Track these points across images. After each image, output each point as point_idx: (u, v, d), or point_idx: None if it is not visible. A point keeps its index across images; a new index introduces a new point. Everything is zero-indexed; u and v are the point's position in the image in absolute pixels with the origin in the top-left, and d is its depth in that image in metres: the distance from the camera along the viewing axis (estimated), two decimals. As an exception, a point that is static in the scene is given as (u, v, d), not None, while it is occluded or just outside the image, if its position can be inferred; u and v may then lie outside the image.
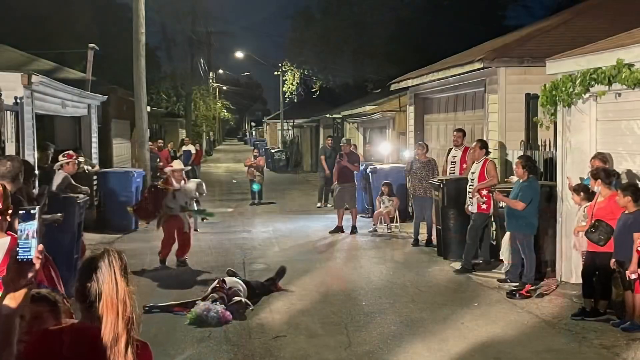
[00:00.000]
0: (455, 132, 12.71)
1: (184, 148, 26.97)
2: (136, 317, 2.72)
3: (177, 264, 11.23)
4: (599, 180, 7.99)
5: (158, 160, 19.80)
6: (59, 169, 11.06)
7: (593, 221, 7.95)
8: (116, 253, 2.76)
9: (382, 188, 15.07)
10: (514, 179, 10.20)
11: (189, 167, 25.92)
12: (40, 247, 2.39)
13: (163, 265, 11.17)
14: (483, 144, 11.00)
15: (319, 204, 19.62)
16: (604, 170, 8.13)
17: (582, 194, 8.55)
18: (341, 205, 14.93)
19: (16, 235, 2.48)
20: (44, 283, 3.25)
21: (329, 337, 7.56)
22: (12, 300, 2.33)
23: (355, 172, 15.43)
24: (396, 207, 14.98)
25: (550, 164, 10.57)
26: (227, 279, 9.01)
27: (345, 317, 8.34)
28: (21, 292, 2.33)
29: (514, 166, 9.74)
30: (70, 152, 11.67)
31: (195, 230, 19.16)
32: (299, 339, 7.54)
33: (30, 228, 2.41)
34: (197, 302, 8.33)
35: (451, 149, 12.81)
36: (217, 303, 8.21)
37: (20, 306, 2.35)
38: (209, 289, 8.75)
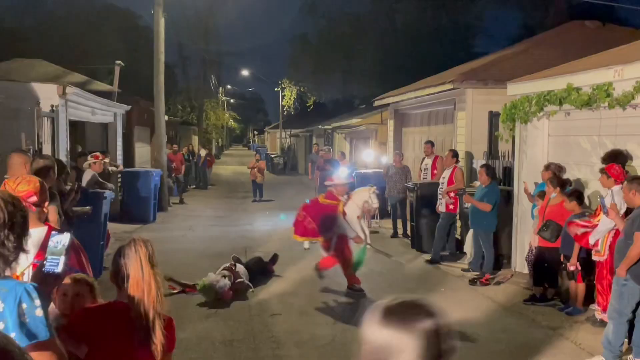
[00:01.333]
0: (425, 144, 12.76)
1: (201, 153, 27.05)
2: (161, 296, 2.77)
3: (349, 291, 8.63)
4: (558, 188, 7.97)
5: (173, 165, 19.71)
6: (87, 168, 11.04)
7: (545, 221, 7.99)
8: (142, 242, 2.81)
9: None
10: (477, 184, 10.25)
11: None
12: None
13: (320, 275, 8.82)
14: (455, 153, 11.04)
15: None
16: (560, 180, 8.11)
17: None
18: None
19: (52, 226, 2.50)
20: (75, 267, 3.27)
21: (318, 316, 7.60)
22: None
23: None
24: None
25: (509, 171, 10.63)
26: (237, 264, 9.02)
27: (332, 299, 8.37)
28: None
29: (478, 173, 9.77)
30: (97, 153, 11.63)
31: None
32: (292, 317, 7.57)
33: (61, 246, 2.41)
34: (209, 273, 8.37)
35: (424, 158, 12.85)
36: (226, 279, 8.26)
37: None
38: (222, 267, 8.76)
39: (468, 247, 10.12)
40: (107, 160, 12.71)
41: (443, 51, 31.55)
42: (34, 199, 3.42)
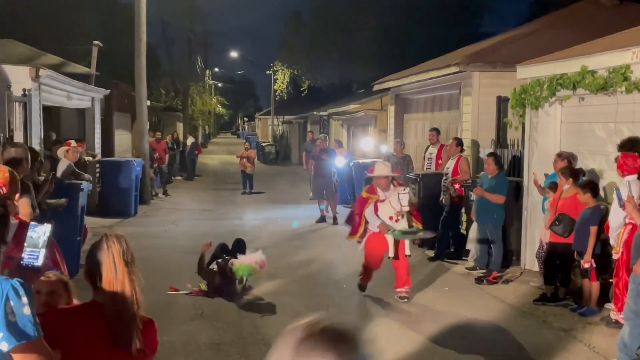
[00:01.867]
0: (430, 132, 12.74)
1: (188, 141, 27.03)
2: (138, 296, 2.76)
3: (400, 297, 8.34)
4: (570, 180, 7.97)
5: (156, 154, 19.63)
6: (62, 157, 11.00)
7: (557, 215, 8.00)
8: (115, 237, 2.80)
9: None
10: (482, 174, 10.25)
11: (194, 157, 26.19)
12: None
13: (361, 290, 8.52)
14: (459, 142, 11.04)
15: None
16: (574, 170, 8.11)
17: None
18: (320, 196, 14.95)
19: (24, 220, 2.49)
20: (48, 264, 3.26)
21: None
22: None
23: (334, 166, 15.42)
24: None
25: (518, 161, 10.64)
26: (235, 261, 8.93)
27: (327, 299, 8.39)
28: None
29: (485, 163, 9.77)
30: (70, 140, 11.58)
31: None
32: (284, 318, 7.57)
33: (41, 237, 2.41)
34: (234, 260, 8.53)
35: (429, 146, 12.85)
36: (259, 251, 8.65)
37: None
38: (214, 262, 8.73)
39: (472, 243, 10.14)
40: (82, 148, 12.67)
41: (448, 31, 31.52)
42: (3, 190, 3.41)
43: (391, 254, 8.18)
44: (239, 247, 9.19)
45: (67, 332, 2.68)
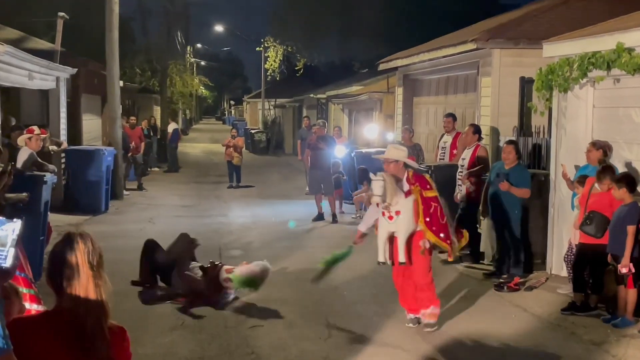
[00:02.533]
0: (445, 118, 12.72)
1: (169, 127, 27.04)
2: (105, 302, 2.76)
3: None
4: (608, 180, 7.89)
5: (130, 142, 19.57)
6: (23, 146, 10.97)
7: (587, 213, 7.99)
8: (79, 236, 2.79)
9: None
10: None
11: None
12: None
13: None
14: (476, 129, 11.03)
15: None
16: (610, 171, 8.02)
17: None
18: (317, 190, 14.93)
19: None
20: (19, 265, 3.26)
21: (308, 328, 7.61)
22: None
23: (335, 156, 15.41)
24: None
25: (543, 151, 10.63)
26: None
27: (326, 307, 8.39)
28: None
29: (503, 151, 9.75)
30: (33, 127, 11.55)
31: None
32: (277, 329, 7.58)
33: (10, 236, 2.40)
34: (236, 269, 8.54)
35: (443, 134, 12.84)
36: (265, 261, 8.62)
37: None
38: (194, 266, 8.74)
39: (486, 243, 10.14)
40: (46, 135, 12.62)
41: (464, 2, 31.46)
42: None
43: (402, 259, 7.38)
44: (185, 244, 9.11)
45: (27, 344, 2.67)
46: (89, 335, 2.70)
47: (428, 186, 7.48)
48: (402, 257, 7.35)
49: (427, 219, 7.33)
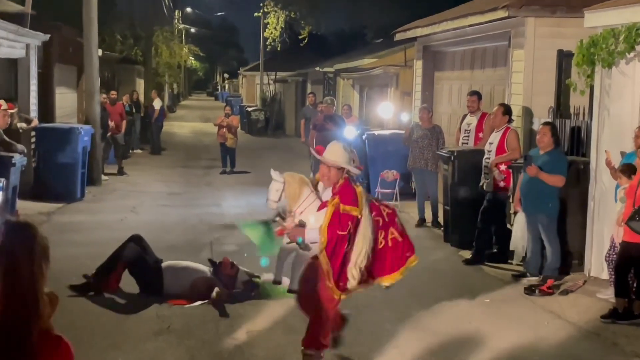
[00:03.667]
0: (469, 96, 12.68)
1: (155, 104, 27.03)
2: (43, 306, 2.74)
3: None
4: None
5: (110, 121, 19.54)
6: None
7: (637, 207, 7.93)
8: (19, 226, 2.78)
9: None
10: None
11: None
12: None
13: None
14: (506, 109, 10.99)
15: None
16: None
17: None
18: None
19: None
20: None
21: (311, 334, 7.61)
22: None
23: (344, 138, 15.39)
24: (396, 183, 15.06)
25: (583, 135, 10.61)
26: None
27: (332, 311, 8.39)
28: None
29: (538, 133, 9.74)
30: (0, 101, 11.56)
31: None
32: (275, 334, 7.59)
33: None
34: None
35: (466, 115, 12.81)
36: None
37: None
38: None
39: (517, 241, 10.14)
40: (14, 110, 12.63)
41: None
42: None
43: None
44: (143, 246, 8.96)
45: None
46: (18, 342, 2.67)
47: (353, 201, 6.21)
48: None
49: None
